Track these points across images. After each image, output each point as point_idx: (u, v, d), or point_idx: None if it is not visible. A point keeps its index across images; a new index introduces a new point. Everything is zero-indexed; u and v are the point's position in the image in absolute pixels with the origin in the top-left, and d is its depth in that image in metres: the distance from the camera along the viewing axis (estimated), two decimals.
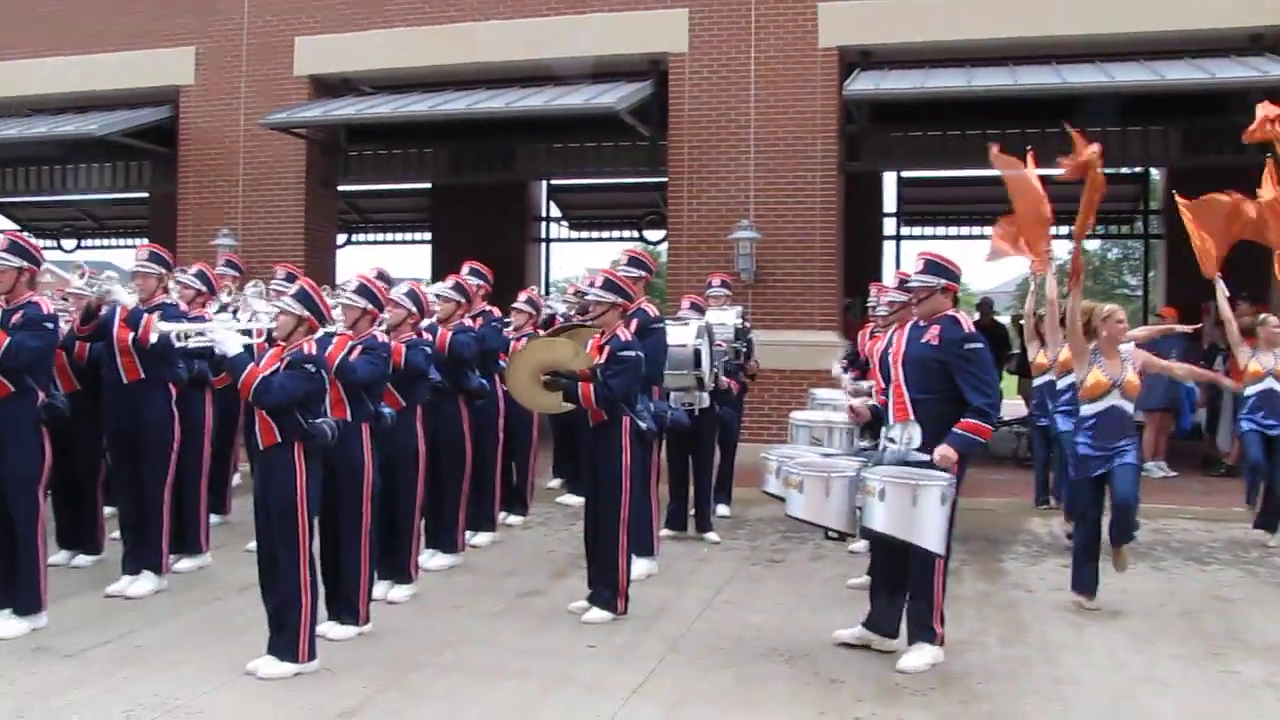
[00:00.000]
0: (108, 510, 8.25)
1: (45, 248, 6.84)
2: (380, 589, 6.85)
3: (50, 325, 6.35)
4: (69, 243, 22.40)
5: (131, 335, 6.96)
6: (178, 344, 6.04)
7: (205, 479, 7.91)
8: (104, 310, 7.09)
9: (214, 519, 8.48)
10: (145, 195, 18.47)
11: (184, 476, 7.48)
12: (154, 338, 6.33)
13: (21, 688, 5.41)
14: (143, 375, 7.06)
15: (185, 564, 7.72)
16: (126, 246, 22.09)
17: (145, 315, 6.97)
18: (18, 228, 20.62)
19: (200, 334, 6.00)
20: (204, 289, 8.11)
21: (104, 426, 7.36)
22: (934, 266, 6.06)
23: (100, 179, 16.90)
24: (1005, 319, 17.49)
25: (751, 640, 6.39)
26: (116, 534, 7.73)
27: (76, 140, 14.94)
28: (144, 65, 15.30)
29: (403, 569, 7.08)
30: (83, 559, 7.92)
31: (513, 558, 8.52)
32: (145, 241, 12.98)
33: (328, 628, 6.12)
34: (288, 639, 5.59)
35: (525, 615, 6.90)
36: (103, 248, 23.16)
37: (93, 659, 5.86)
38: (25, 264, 6.38)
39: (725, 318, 9.46)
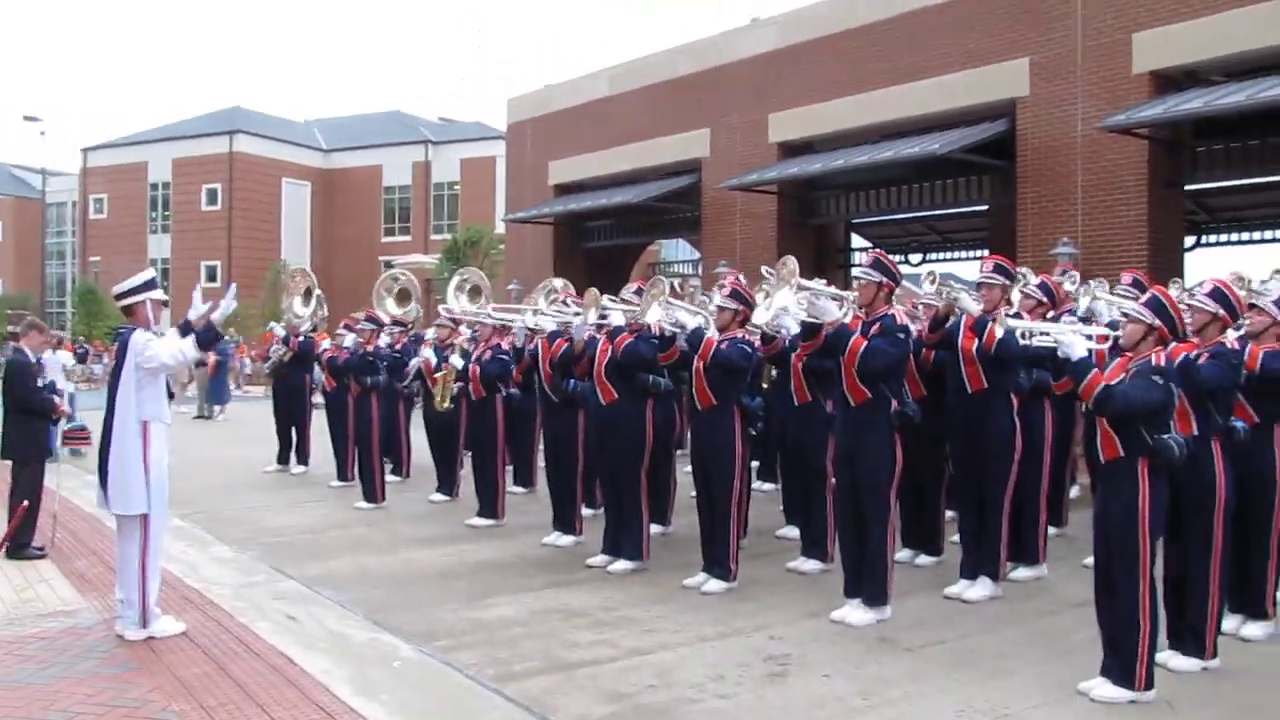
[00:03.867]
0: (948, 514, 8.72)
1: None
2: (1231, 623, 6.39)
3: (903, 335, 6.88)
4: (915, 257, 23.85)
5: (976, 343, 7.28)
6: (1021, 341, 6.19)
7: (1045, 488, 8.00)
8: (951, 320, 7.50)
9: (1051, 531, 8.53)
10: (985, 208, 19.11)
11: (1023, 486, 7.64)
12: (1000, 331, 6.54)
13: (866, 673, 5.93)
14: (985, 385, 7.36)
15: (1022, 573, 7.87)
16: (969, 259, 22.98)
17: (990, 324, 7.25)
18: (870, 245, 22.52)
19: (1045, 334, 6.07)
20: (1045, 300, 8.23)
21: (947, 433, 7.78)
22: None
23: (942, 195, 17.83)
24: None
25: None
26: (955, 538, 8.12)
27: (921, 160, 15.96)
28: (981, 82, 15.92)
29: (1257, 603, 6.51)
30: (924, 559, 8.44)
31: None
32: (986, 253, 13.46)
33: (1168, 657, 5.87)
34: (1123, 663, 5.44)
35: None
36: (946, 260, 24.34)
37: (929, 656, 6.22)
38: (885, 279, 7.01)
39: None
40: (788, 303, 7.04)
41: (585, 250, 24.46)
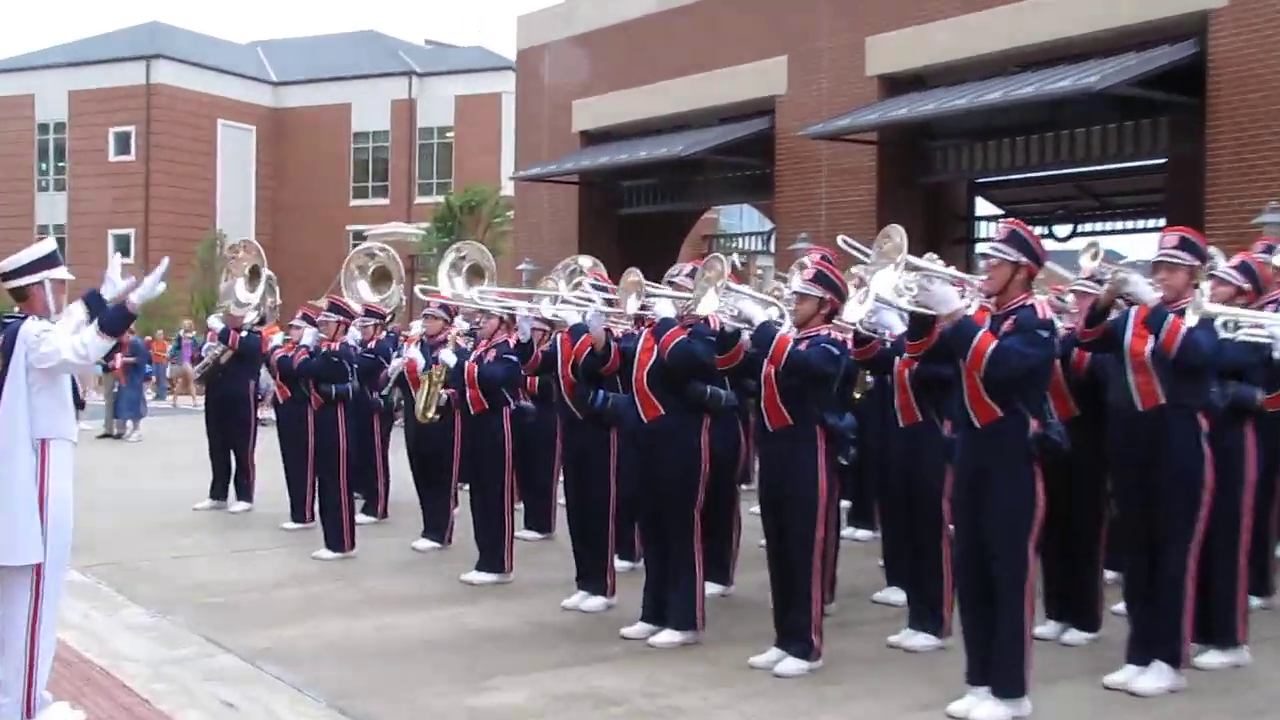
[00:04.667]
0: (1109, 575, 8.61)
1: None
2: None
3: (1046, 334, 6.78)
4: (1062, 229, 23.64)
5: (1151, 344, 7.18)
6: (1223, 334, 6.10)
7: (1245, 544, 7.89)
8: (1115, 313, 7.40)
9: (1254, 602, 8.41)
10: (1161, 162, 18.92)
11: (1215, 539, 7.54)
12: (1192, 318, 6.46)
13: None
14: (1163, 400, 7.25)
15: (1213, 658, 7.76)
16: (1137, 230, 22.76)
17: (1171, 317, 7.13)
18: (1001, 213, 22.36)
19: (1258, 325, 5.99)
20: (1248, 286, 8.12)
21: (1109, 466, 7.70)
22: None
23: (1101, 145, 17.67)
24: None
25: None
26: (1118, 606, 8.02)
27: (1071, 98, 15.80)
28: None
29: None
30: (1075, 634, 8.35)
31: None
32: (1163, 223, 13.30)
33: None
34: None
35: None
36: (1107, 233, 24.05)
37: None
38: (1025, 259, 6.90)
39: None
40: (891, 289, 6.95)
41: (620, 218, 24.54)
